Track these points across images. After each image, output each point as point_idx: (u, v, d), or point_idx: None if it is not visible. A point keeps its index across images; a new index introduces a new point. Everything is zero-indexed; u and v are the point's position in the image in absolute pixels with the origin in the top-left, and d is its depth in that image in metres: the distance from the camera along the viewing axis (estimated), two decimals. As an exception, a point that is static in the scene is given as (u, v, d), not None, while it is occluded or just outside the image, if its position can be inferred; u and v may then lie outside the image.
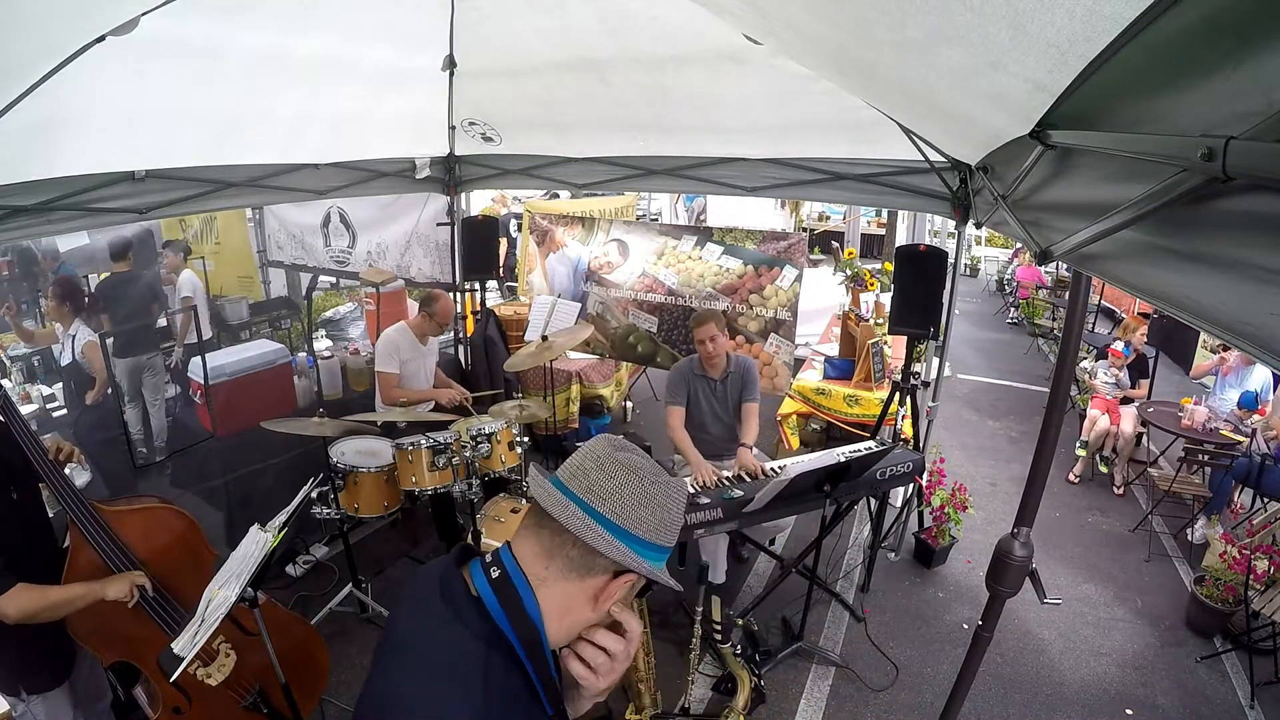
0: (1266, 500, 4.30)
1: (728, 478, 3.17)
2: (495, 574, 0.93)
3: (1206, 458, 4.60)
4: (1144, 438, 5.50)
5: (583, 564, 0.92)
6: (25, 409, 4.26)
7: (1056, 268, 9.62)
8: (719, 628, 1.80)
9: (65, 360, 4.32)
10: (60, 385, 4.77)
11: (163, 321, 5.11)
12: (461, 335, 5.45)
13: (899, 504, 4.37)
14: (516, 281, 6.91)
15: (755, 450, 3.47)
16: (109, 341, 4.26)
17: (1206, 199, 0.80)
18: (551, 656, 0.93)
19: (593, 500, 0.91)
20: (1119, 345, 5.49)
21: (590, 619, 0.95)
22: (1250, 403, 4.71)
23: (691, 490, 3.00)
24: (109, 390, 4.34)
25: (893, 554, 4.26)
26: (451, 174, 4.87)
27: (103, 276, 5.22)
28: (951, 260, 3.63)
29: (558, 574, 0.92)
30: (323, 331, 6.72)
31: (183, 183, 3.20)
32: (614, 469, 0.94)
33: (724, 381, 3.59)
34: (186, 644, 1.75)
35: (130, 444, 3.71)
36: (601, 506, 0.91)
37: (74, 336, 4.28)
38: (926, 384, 3.92)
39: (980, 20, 1.05)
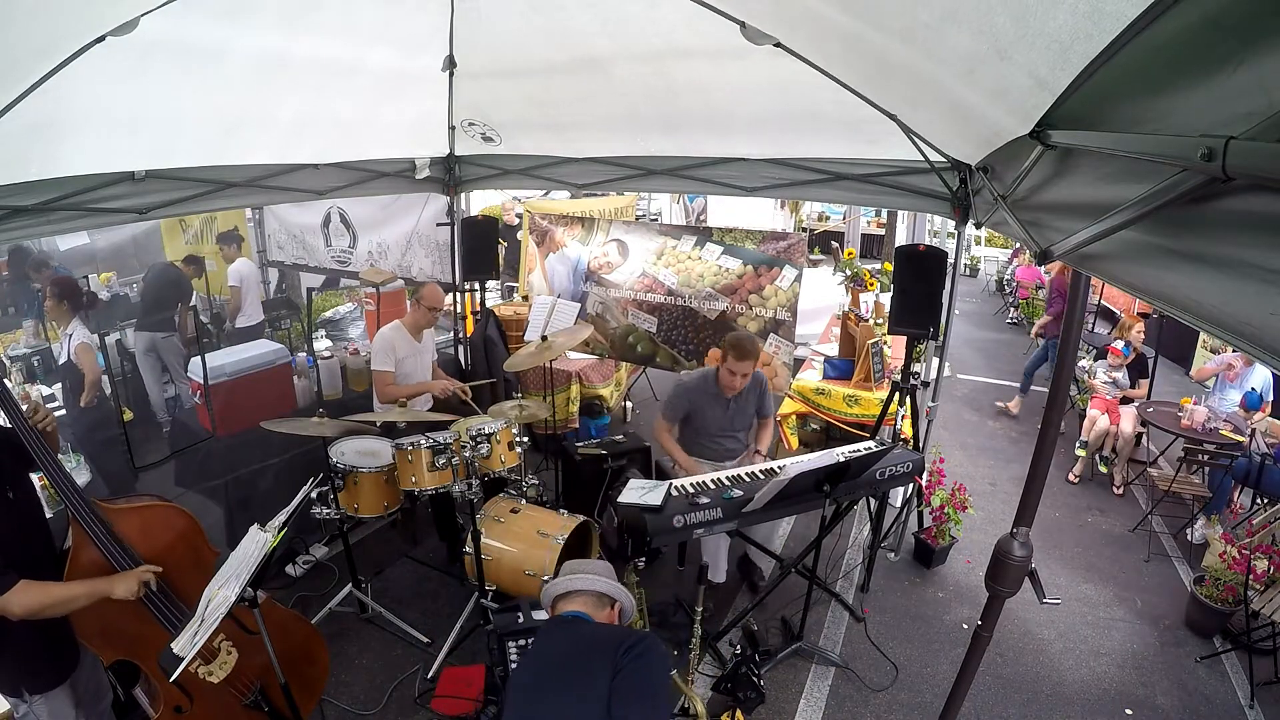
0: (1266, 500, 4.30)
1: (728, 477, 3.17)
2: (570, 617, 1.95)
3: (1206, 458, 4.61)
4: (1144, 438, 5.50)
5: (599, 603, 2.01)
6: (24, 407, 4.25)
7: (1056, 268, 9.60)
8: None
9: (63, 359, 4.32)
10: (60, 385, 4.78)
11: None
12: (461, 335, 5.45)
13: (899, 504, 4.37)
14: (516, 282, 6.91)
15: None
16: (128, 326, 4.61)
17: (1206, 199, 0.80)
18: None
19: (590, 575, 2.04)
20: (1119, 345, 5.49)
21: None
22: (1255, 403, 4.69)
23: (690, 490, 3.00)
24: (108, 390, 4.34)
25: (893, 554, 4.26)
26: (451, 174, 4.87)
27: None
28: (951, 260, 3.63)
29: (594, 611, 1.98)
30: (322, 331, 6.71)
31: (183, 183, 3.20)
32: (590, 564, 2.13)
33: (736, 399, 3.54)
34: (186, 644, 1.75)
35: (130, 444, 3.70)
36: (597, 574, 2.05)
37: (70, 336, 4.27)
38: (926, 384, 3.92)
39: (987, 8, 1.05)
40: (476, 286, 5.19)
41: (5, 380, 2.01)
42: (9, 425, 1.95)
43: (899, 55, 1.81)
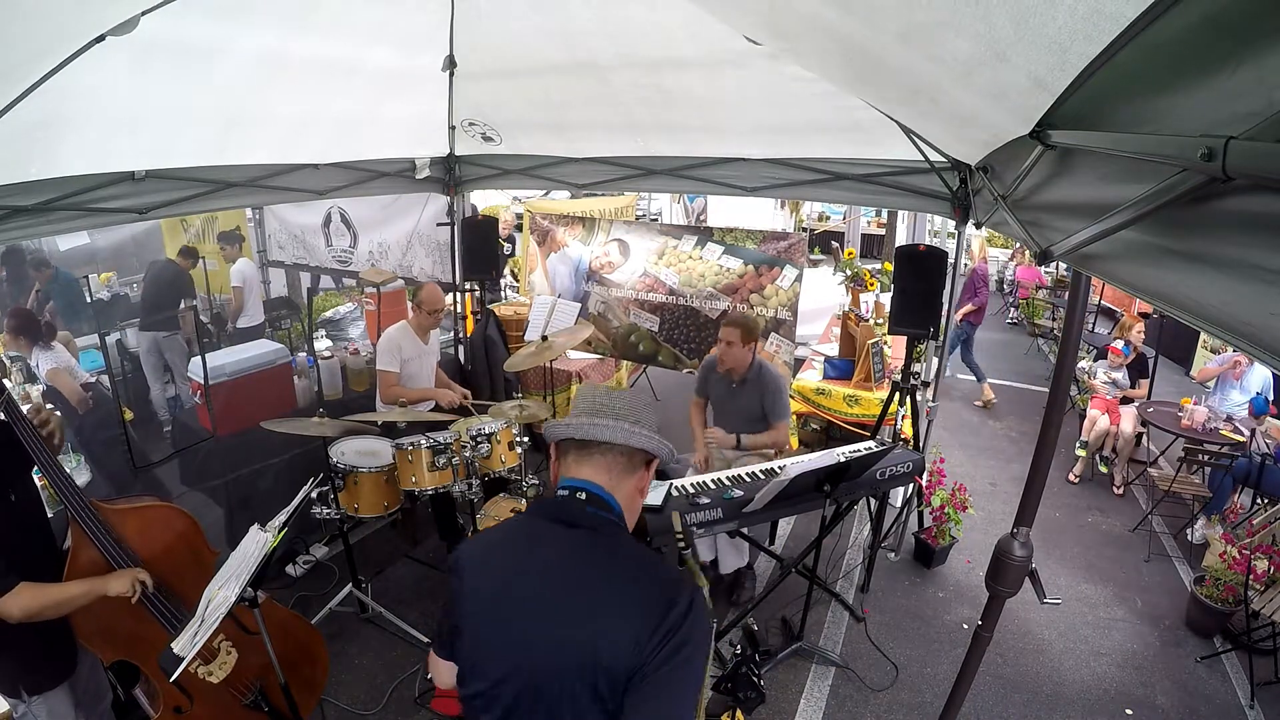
0: (1266, 500, 4.30)
1: (728, 477, 3.16)
2: (583, 496, 1.27)
3: (1206, 458, 4.60)
4: (1144, 438, 5.50)
5: (628, 465, 1.30)
6: (25, 409, 4.24)
7: (1056, 268, 9.62)
8: (681, 537, 1.73)
9: (41, 387, 4.30)
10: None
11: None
12: (461, 335, 5.45)
13: (899, 504, 4.37)
14: (517, 283, 6.92)
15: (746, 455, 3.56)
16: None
17: (1206, 199, 0.80)
18: None
19: (621, 419, 1.28)
20: (1119, 344, 5.49)
21: (639, 506, 1.36)
22: (1262, 408, 4.67)
23: (690, 490, 3.00)
24: (108, 390, 4.34)
25: (893, 554, 4.26)
26: (451, 174, 4.87)
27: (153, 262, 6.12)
28: (951, 260, 3.63)
29: (617, 479, 1.29)
30: (323, 331, 6.72)
31: (183, 183, 3.20)
32: (615, 397, 1.35)
33: (740, 385, 3.58)
34: (186, 644, 1.75)
35: (130, 444, 3.70)
36: (629, 419, 1.29)
37: (37, 365, 4.27)
38: (926, 384, 3.92)
39: (985, 11, 1.05)
40: (476, 286, 5.19)
41: (5, 380, 2.00)
42: (5, 420, 1.94)
43: (897, 56, 1.80)
